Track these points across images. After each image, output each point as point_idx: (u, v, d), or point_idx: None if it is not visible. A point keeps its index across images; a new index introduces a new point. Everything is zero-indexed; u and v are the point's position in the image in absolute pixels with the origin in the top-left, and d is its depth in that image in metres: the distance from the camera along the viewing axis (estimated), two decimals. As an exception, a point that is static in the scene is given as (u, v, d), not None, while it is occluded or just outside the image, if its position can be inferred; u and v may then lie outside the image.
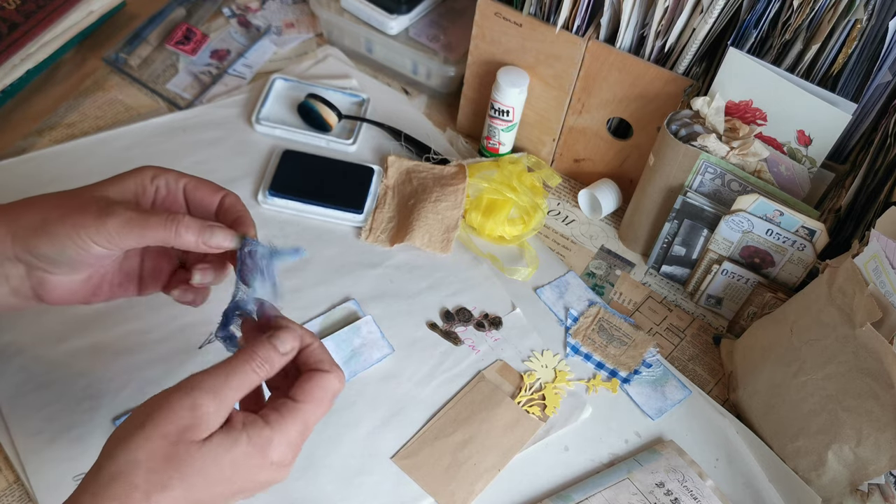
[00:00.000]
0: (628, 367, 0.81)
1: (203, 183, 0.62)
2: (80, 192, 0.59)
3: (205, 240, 0.58)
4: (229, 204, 0.62)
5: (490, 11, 0.87)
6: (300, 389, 0.55)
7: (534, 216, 0.89)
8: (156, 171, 0.61)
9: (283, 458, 0.54)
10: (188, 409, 0.51)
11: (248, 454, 0.52)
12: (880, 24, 0.74)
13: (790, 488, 0.73)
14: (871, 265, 0.65)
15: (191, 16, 1.06)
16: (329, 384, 0.56)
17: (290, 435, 0.54)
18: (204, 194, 0.62)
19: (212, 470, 0.51)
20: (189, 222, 0.57)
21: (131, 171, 0.61)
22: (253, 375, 0.54)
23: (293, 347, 0.56)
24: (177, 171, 0.62)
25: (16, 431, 0.70)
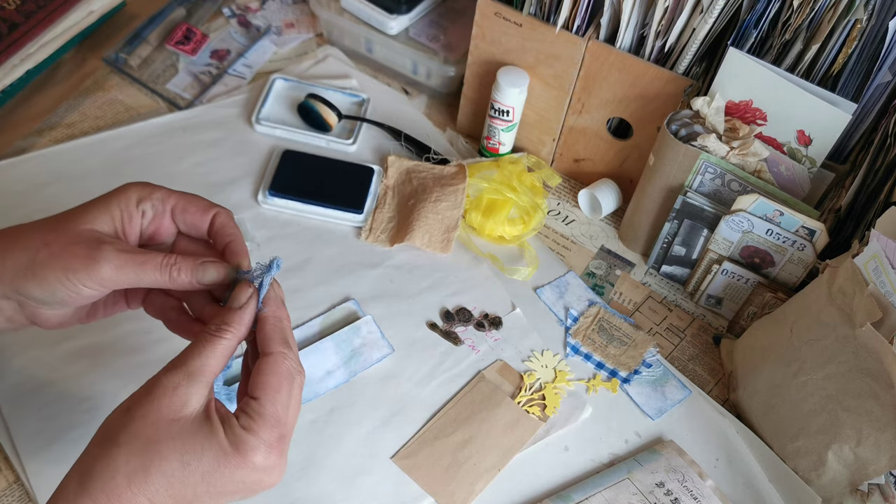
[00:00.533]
0: (628, 367, 0.81)
1: (192, 202, 0.60)
2: (66, 225, 0.56)
3: (198, 279, 0.57)
4: (220, 224, 0.60)
5: (490, 11, 0.87)
6: (254, 384, 0.53)
7: (534, 216, 0.89)
8: (140, 193, 0.59)
9: (266, 461, 0.51)
10: (161, 388, 0.51)
11: (228, 452, 0.50)
12: (880, 24, 0.74)
13: (790, 488, 0.73)
14: (871, 265, 0.65)
15: (191, 16, 1.06)
16: (275, 366, 0.53)
17: (262, 434, 0.51)
18: (194, 215, 0.60)
19: (189, 457, 0.49)
20: (182, 264, 0.56)
21: (116, 192, 0.58)
22: (216, 340, 0.53)
23: (246, 299, 0.55)
24: (164, 190, 0.60)
25: (16, 431, 0.70)
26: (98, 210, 0.57)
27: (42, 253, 0.55)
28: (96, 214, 0.57)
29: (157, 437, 0.49)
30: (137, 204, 0.58)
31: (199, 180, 0.89)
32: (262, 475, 0.52)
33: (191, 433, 0.50)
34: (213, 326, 0.53)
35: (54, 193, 0.86)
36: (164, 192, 0.59)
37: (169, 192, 0.60)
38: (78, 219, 0.56)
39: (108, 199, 0.58)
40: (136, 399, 0.51)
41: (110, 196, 0.58)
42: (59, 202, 0.84)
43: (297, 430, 0.73)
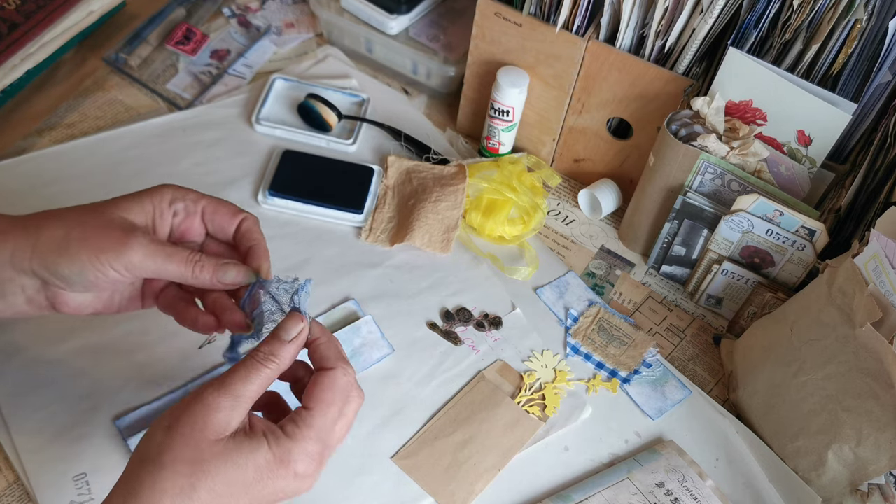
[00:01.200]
0: (628, 367, 0.81)
1: (221, 206, 0.62)
2: (101, 210, 0.59)
3: (219, 277, 0.59)
4: (246, 229, 0.63)
5: (490, 11, 0.87)
6: (308, 395, 0.55)
7: (534, 216, 0.89)
8: (174, 194, 0.61)
9: (307, 470, 0.53)
10: (205, 408, 0.52)
11: (271, 462, 0.52)
12: (880, 24, 0.74)
13: (790, 488, 0.73)
14: (871, 265, 0.65)
15: (191, 16, 1.06)
16: (333, 382, 0.55)
17: (307, 445, 0.53)
18: (222, 219, 0.62)
19: (234, 473, 0.51)
20: (205, 262, 0.59)
21: (151, 190, 0.61)
22: (262, 368, 0.54)
23: (297, 332, 0.56)
24: (195, 193, 0.62)
25: (16, 431, 0.70)
26: (133, 202, 0.59)
27: (76, 230, 0.57)
28: (131, 206, 0.59)
29: (201, 457, 0.51)
30: (170, 203, 0.61)
31: (198, 180, 0.89)
32: (299, 484, 0.54)
33: (234, 450, 0.51)
34: (260, 354, 0.55)
35: (54, 193, 0.86)
36: (196, 194, 0.62)
37: (200, 195, 0.62)
38: (114, 207, 0.59)
39: (142, 195, 0.60)
40: (178, 417, 0.52)
41: (145, 192, 0.60)
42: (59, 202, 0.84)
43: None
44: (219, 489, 0.50)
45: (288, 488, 0.53)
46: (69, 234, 0.57)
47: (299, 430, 0.53)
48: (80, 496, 0.67)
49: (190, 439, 0.51)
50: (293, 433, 0.53)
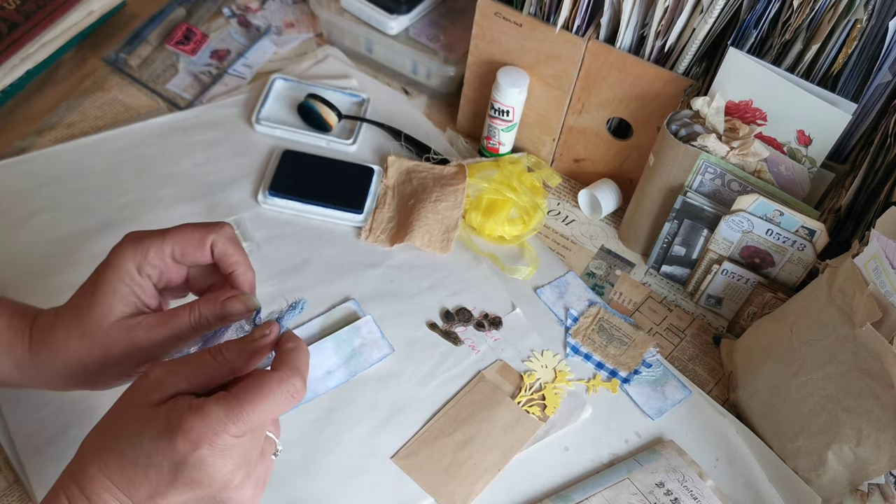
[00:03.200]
0: (628, 367, 0.81)
1: (186, 243, 0.59)
2: (93, 325, 0.57)
3: (226, 315, 0.58)
4: (219, 254, 0.60)
5: (490, 11, 0.87)
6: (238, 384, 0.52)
7: (534, 216, 0.89)
8: (137, 260, 0.58)
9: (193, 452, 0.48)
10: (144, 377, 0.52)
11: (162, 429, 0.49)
12: (880, 24, 0.74)
13: (790, 488, 0.73)
14: (871, 265, 0.65)
15: (191, 16, 1.06)
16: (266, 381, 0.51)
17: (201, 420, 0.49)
18: (193, 255, 0.60)
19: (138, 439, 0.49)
20: (206, 311, 0.58)
21: (114, 267, 0.58)
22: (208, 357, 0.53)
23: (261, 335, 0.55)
24: (155, 244, 0.59)
25: (15, 431, 0.70)
26: (111, 295, 0.58)
27: (84, 362, 0.58)
28: (112, 301, 0.58)
29: (122, 415, 0.52)
30: (139, 271, 0.59)
31: (199, 180, 0.89)
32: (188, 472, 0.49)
33: (145, 417, 0.50)
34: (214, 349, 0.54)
35: (54, 193, 0.86)
36: (156, 247, 0.59)
37: (161, 244, 0.59)
38: (98, 314, 0.57)
39: (114, 280, 0.58)
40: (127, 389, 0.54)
41: (113, 274, 0.58)
42: (59, 202, 0.85)
43: (298, 430, 0.73)
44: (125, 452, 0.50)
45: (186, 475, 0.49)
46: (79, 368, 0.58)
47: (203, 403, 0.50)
48: (80, 496, 0.67)
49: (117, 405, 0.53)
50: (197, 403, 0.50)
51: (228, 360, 0.53)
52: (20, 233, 0.82)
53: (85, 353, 0.58)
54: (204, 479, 0.49)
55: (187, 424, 0.48)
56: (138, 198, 0.87)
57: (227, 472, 0.50)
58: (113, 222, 0.84)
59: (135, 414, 0.51)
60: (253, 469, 0.52)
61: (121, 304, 0.58)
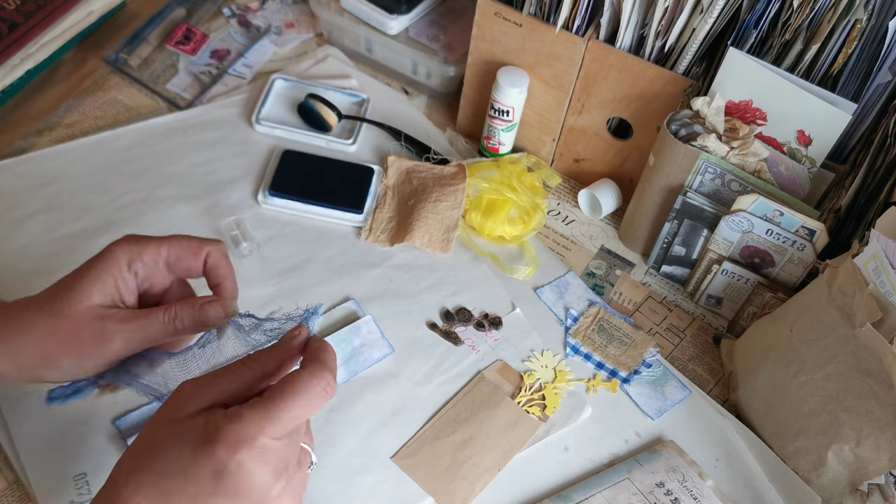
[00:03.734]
0: (628, 367, 0.81)
1: (183, 249, 0.61)
2: (64, 306, 0.57)
3: (202, 322, 0.59)
4: (211, 265, 0.62)
5: (490, 11, 0.87)
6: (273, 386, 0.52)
7: (534, 216, 0.89)
8: (130, 255, 0.59)
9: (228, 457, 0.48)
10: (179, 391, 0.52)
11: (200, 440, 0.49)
12: (880, 24, 0.74)
13: (790, 488, 0.73)
14: (871, 265, 0.65)
15: (191, 16, 1.06)
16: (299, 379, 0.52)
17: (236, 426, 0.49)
18: (187, 262, 0.61)
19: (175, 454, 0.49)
20: (182, 314, 0.58)
21: (106, 258, 0.59)
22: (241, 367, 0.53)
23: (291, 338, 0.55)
24: (152, 246, 0.60)
25: (16, 431, 0.70)
26: (92, 282, 0.58)
27: (49, 343, 0.57)
28: (91, 288, 0.58)
29: (153, 434, 0.51)
30: (129, 266, 0.59)
31: (199, 180, 0.89)
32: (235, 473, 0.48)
33: (180, 429, 0.50)
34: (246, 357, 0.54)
35: (54, 193, 0.86)
36: (152, 248, 0.60)
37: (158, 246, 0.60)
38: (74, 297, 0.57)
39: (100, 269, 0.58)
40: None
41: (101, 263, 0.58)
42: (59, 202, 0.85)
43: (297, 430, 0.73)
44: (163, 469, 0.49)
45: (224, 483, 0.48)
46: (44, 351, 0.57)
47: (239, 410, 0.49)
48: (80, 496, 0.67)
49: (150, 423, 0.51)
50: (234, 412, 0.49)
51: (261, 364, 0.53)
52: (20, 233, 0.82)
53: (52, 334, 0.57)
54: (243, 487, 0.49)
55: (225, 430, 0.48)
56: (138, 198, 0.87)
57: (266, 479, 0.49)
58: (113, 222, 0.84)
59: (170, 429, 0.50)
60: (291, 479, 0.52)
61: (99, 293, 0.58)
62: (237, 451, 0.48)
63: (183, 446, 0.49)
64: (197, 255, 0.61)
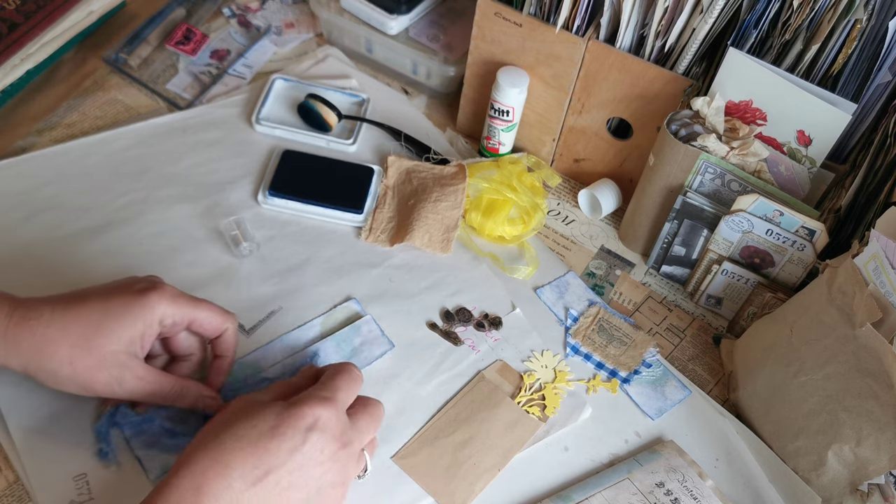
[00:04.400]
0: (628, 367, 0.81)
1: (208, 321, 0.68)
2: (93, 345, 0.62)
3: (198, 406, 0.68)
4: (223, 339, 0.70)
5: (490, 11, 0.87)
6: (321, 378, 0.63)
7: (534, 216, 0.89)
8: (165, 311, 0.65)
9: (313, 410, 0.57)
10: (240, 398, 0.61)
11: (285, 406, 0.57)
12: (880, 24, 0.74)
13: (790, 488, 0.73)
14: (871, 265, 0.65)
15: (191, 16, 1.06)
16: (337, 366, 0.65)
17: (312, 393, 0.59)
18: (206, 332, 0.69)
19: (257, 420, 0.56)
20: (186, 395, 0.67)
21: (142, 306, 0.64)
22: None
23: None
24: (188, 307, 0.66)
25: (16, 431, 0.70)
26: (124, 328, 0.63)
27: (66, 370, 0.62)
28: (121, 333, 0.63)
29: (228, 415, 0.58)
30: (160, 322, 0.65)
31: (199, 180, 0.89)
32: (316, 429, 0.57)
33: (257, 406, 0.58)
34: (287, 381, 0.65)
35: (54, 193, 0.86)
36: (185, 311, 0.66)
37: (192, 310, 0.66)
38: (103, 337, 0.62)
39: (134, 316, 0.63)
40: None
41: (137, 311, 0.64)
42: (59, 202, 0.85)
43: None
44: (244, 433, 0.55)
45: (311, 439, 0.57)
46: (58, 372, 0.62)
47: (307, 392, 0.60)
48: (80, 496, 0.67)
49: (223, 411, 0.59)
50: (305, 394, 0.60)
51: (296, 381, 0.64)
52: (20, 233, 0.82)
53: (71, 364, 0.62)
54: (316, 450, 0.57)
55: (301, 400, 0.58)
56: (138, 198, 0.87)
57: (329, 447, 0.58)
58: (113, 222, 0.84)
59: (245, 410, 0.57)
60: (346, 465, 0.60)
61: (126, 339, 0.63)
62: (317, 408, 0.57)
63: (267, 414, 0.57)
64: (217, 330, 0.69)
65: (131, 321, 0.63)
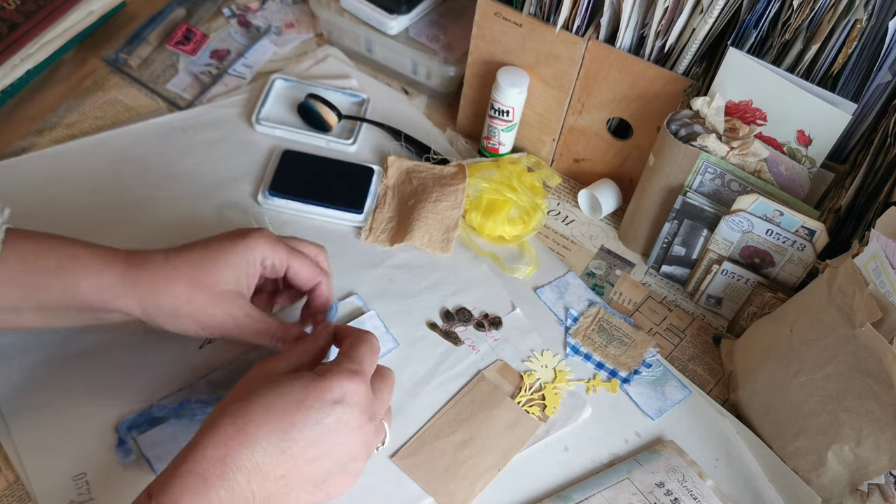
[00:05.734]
0: (628, 367, 0.81)
1: (304, 269, 0.70)
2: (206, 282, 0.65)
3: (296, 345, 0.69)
4: (316, 294, 0.72)
5: (490, 11, 0.87)
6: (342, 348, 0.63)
7: (534, 216, 0.89)
8: (266, 253, 0.68)
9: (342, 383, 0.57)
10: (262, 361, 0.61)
11: (313, 378, 0.57)
12: (880, 24, 0.74)
13: (790, 488, 0.73)
14: (871, 265, 0.65)
15: (191, 16, 1.06)
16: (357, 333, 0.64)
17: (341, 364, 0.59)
18: (301, 281, 0.71)
19: (285, 388, 0.57)
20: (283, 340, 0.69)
21: (246, 247, 0.67)
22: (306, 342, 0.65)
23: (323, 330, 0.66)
24: (286, 253, 0.69)
25: (16, 431, 0.70)
26: (231, 267, 0.66)
27: (186, 308, 0.65)
28: (230, 272, 0.66)
29: (253, 384, 0.58)
30: (262, 262, 0.68)
31: (199, 180, 0.89)
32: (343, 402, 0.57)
33: (283, 376, 0.58)
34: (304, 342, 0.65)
35: (54, 193, 0.86)
36: (284, 251, 0.69)
37: (288, 256, 0.69)
38: (214, 276, 0.66)
39: (239, 256, 0.67)
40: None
41: (242, 252, 0.67)
42: (60, 202, 0.85)
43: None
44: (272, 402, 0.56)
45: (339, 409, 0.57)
46: (179, 309, 0.65)
47: (332, 362, 0.60)
48: (80, 496, 0.67)
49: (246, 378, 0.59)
50: (328, 364, 0.60)
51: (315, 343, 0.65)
52: (20, 233, 0.82)
53: (188, 301, 0.65)
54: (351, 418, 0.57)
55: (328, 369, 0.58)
56: (138, 198, 0.87)
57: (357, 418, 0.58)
58: (113, 222, 0.84)
59: (271, 380, 0.58)
60: (369, 438, 0.60)
61: (234, 279, 0.66)
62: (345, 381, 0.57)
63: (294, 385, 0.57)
64: (312, 280, 0.71)
65: (235, 262, 0.66)
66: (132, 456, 0.69)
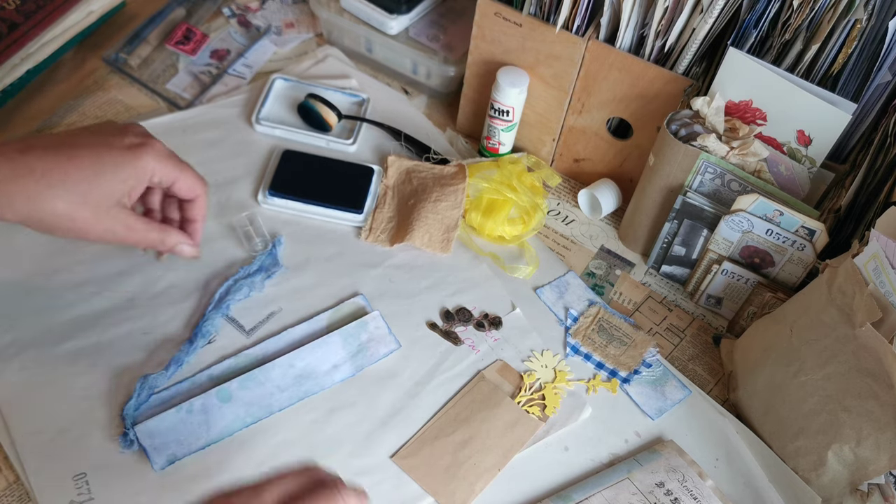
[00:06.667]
0: (628, 367, 0.81)
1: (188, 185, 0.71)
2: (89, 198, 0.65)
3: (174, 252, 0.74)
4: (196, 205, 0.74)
5: (490, 11, 0.87)
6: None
7: (534, 216, 0.89)
8: (155, 170, 0.68)
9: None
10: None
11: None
12: (880, 24, 0.74)
13: (790, 488, 0.73)
14: (871, 265, 0.65)
15: (191, 16, 1.06)
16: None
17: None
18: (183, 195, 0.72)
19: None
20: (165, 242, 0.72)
21: (137, 164, 0.66)
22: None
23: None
24: (174, 170, 0.69)
25: (16, 431, 0.70)
26: (118, 182, 0.66)
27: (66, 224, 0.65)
28: (116, 188, 0.66)
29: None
30: (149, 179, 0.68)
31: (199, 180, 0.89)
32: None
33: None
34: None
35: (54, 193, 0.86)
36: (172, 173, 0.69)
37: (178, 174, 0.70)
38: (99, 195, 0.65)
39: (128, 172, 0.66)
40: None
41: (132, 169, 0.66)
42: (59, 202, 0.85)
43: (298, 430, 0.73)
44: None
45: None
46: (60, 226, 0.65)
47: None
48: (80, 496, 0.67)
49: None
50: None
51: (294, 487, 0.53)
52: (20, 233, 0.82)
53: (69, 217, 0.64)
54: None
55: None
56: (138, 198, 0.87)
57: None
58: (113, 222, 0.84)
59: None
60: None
61: (120, 192, 0.66)
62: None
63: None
64: (193, 194, 0.72)
65: (124, 177, 0.66)
66: (135, 446, 0.69)
